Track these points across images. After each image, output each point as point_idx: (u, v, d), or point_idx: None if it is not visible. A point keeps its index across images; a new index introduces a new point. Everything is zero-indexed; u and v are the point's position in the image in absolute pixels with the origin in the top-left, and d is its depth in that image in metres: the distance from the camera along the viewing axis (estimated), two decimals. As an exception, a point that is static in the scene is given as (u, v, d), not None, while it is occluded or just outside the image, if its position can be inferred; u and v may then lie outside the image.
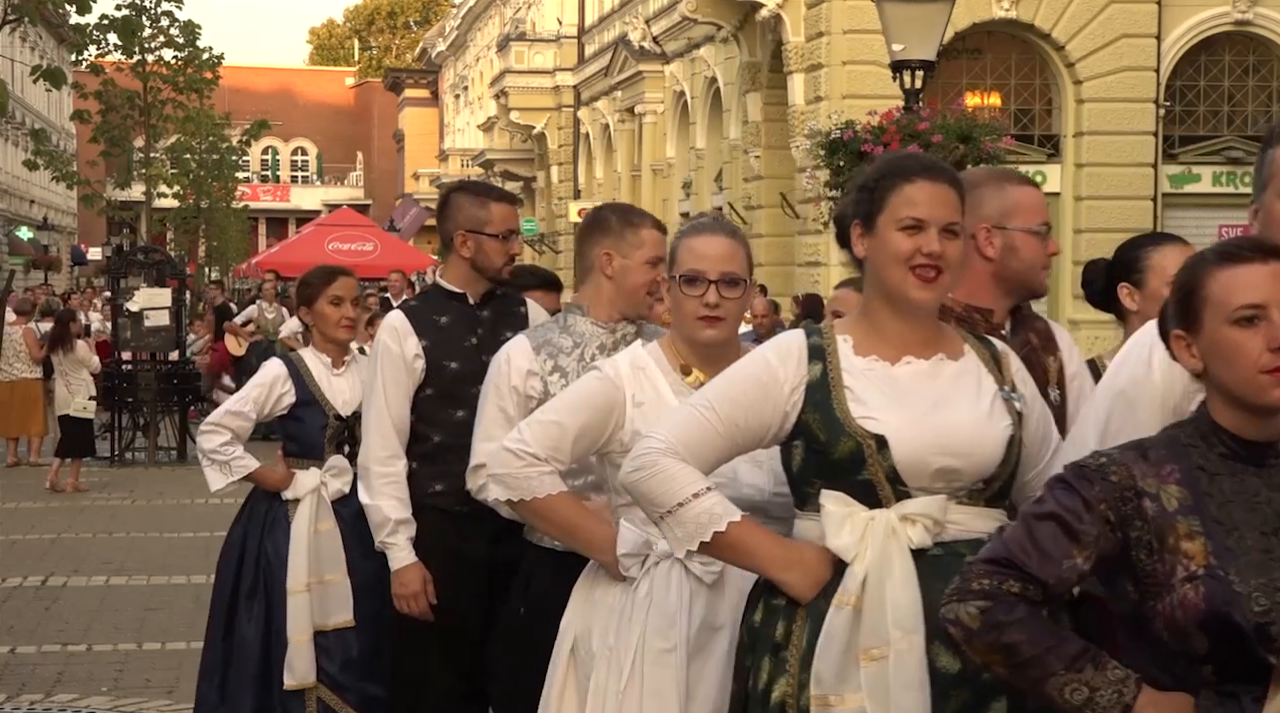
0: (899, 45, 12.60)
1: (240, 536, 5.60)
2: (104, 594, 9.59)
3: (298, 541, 5.36)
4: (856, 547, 2.85)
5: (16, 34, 42.97)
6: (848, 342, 3.01)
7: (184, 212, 33.94)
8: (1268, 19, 22.61)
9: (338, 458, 5.44)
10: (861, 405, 2.92)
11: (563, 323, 4.11)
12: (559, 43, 39.52)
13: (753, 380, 2.99)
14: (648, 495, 2.94)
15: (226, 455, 5.42)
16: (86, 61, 23.47)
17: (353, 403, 5.40)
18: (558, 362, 4.00)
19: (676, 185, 30.76)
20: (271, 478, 5.49)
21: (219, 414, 5.51)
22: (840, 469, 2.91)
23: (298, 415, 5.48)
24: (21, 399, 16.03)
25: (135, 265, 17.70)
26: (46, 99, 51.20)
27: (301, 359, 5.55)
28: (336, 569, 5.37)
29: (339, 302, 5.47)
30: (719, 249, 3.48)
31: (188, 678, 7.41)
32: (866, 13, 16.95)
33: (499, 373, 4.01)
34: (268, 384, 5.48)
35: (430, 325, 4.58)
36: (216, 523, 12.24)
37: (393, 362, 4.54)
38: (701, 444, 2.96)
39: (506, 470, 3.39)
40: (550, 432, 3.38)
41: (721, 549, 2.95)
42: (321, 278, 5.54)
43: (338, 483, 5.41)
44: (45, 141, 15.22)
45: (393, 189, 67.92)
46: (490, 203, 4.64)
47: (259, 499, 5.57)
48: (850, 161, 13.86)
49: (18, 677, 7.54)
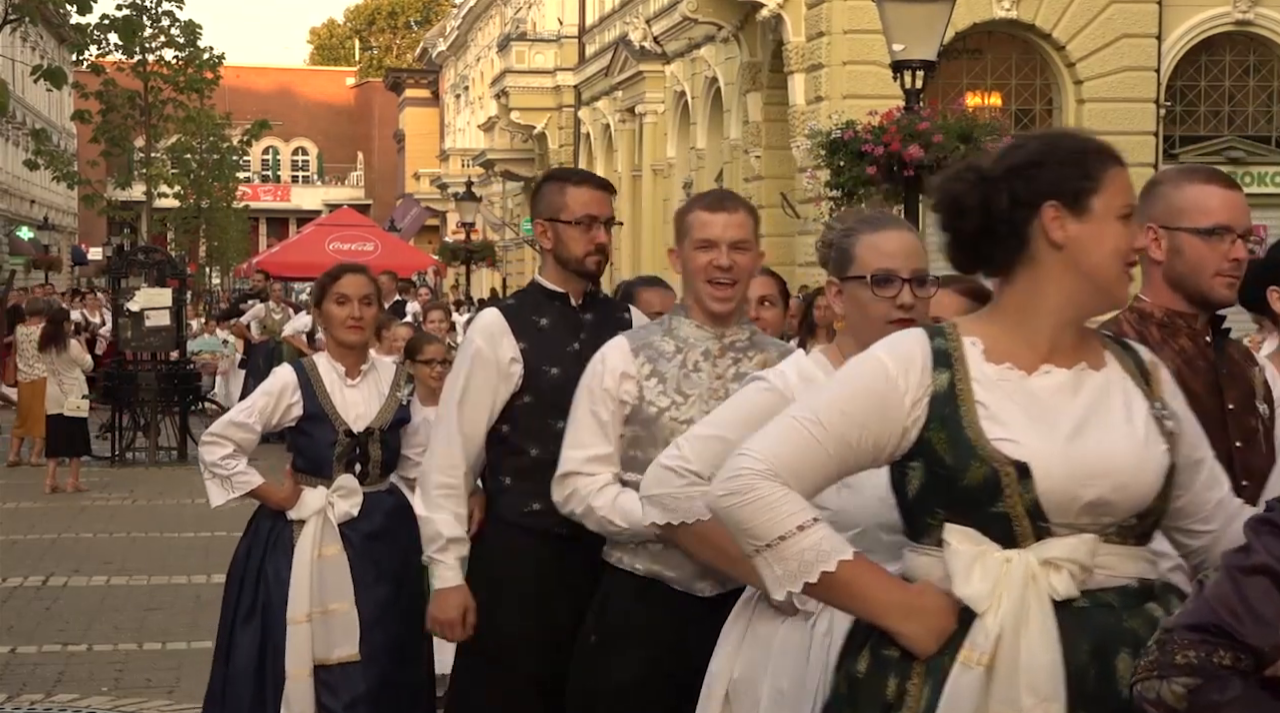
0: (899, 45, 12.58)
1: (244, 552, 5.21)
2: (104, 594, 9.59)
3: (300, 566, 4.97)
4: (989, 596, 2.44)
5: (17, 34, 42.94)
6: (977, 346, 2.58)
7: (184, 212, 33.98)
8: (1268, 19, 22.61)
9: (347, 478, 5.05)
10: (998, 425, 2.49)
11: (666, 326, 3.76)
12: (559, 43, 39.52)
13: (867, 390, 2.55)
14: (742, 525, 2.50)
15: (228, 470, 5.04)
16: (87, 61, 23.50)
17: (366, 418, 5.05)
18: (657, 366, 3.67)
19: (677, 185, 30.75)
20: (276, 496, 5.10)
21: (222, 425, 5.11)
22: (969, 499, 2.49)
23: (305, 430, 5.09)
24: (41, 399, 16.01)
25: (136, 265, 17.69)
26: (47, 99, 51.19)
27: (314, 367, 5.12)
28: (342, 598, 4.98)
29: (344, 301, 5.05)
30: (907, 245, 3.18)
31: (188, 678, 7.41)
32: (867, 13, 16.94)
33: (593, 374, 3.71)
34: (275, 393, 5.07)
35: (529, 326, 4.12)
36: (217, 524, 12.23)
37: (483, 364, 4.08)
38: (805, 465, 2.53)
39: (665, 490, 3.08)
40: (712, 448, 3.05)
41: (828, 591, 2.51)
42: (329, 276, 5.16)
43: (346, 505, 5.03)
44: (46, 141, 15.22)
45: (393, 189, 67.93)
46: (568, 187, 4.14)
47: (263, 516, 5.19)
48: (850, 162, 13.85)
49: (18, 677, 7.53)
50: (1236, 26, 22.71)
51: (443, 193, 53.05)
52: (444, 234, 50.56)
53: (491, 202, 48.15)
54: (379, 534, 5.07)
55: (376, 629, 4.95)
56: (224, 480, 5.05)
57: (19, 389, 16.03)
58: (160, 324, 16.71)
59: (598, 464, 3.68)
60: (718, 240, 3.66)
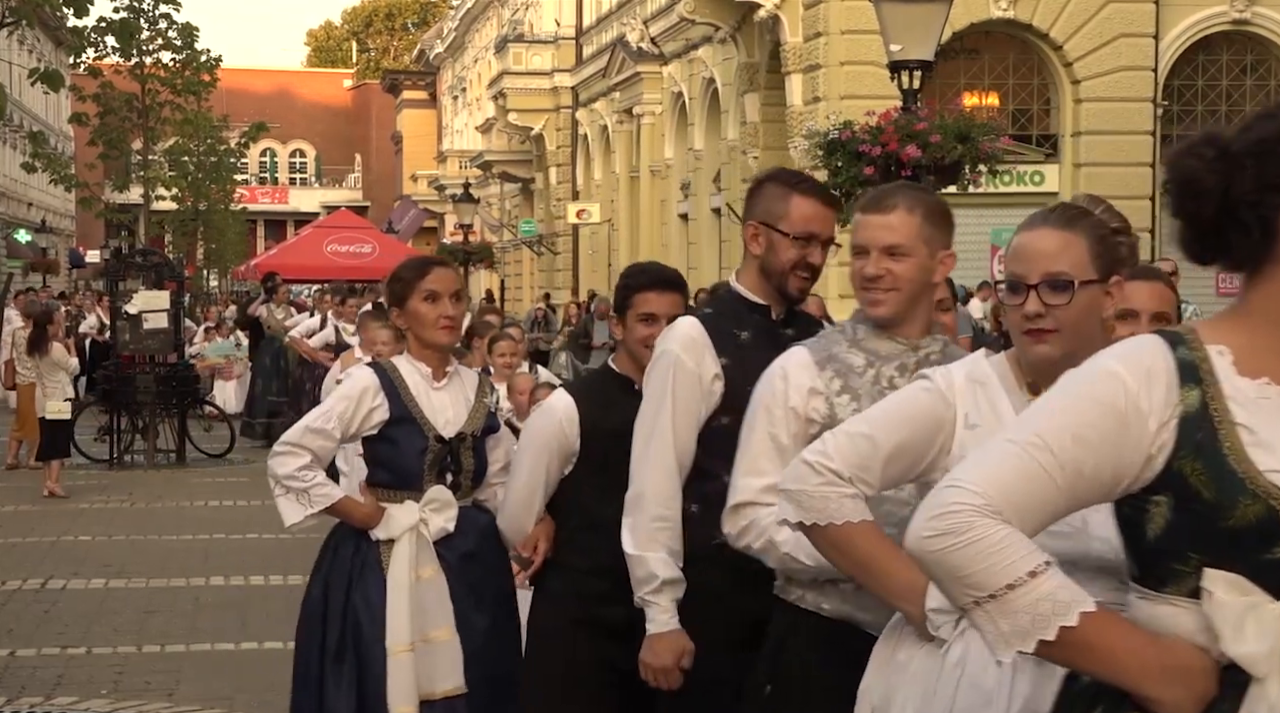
0: (897, 45, 12.59)
1: (321, 589, 4.59)
2: (103, 597, 9.58)
3: (396, 590, 4.42)
4: (1270, 657, 2.08)
5: (14, 37, 42.93)
6: (1225, 356, 2.18)
7: (182, 214, 33.99)
8: (1265, 18, 22.63)
9: (440, 489, 4.51)
10: (1269, 453, 2.10)
11: (850, 336, 3.37)
12: (557, 44, 39.54)
13: (1104, 409, 2.16)
14: (958, 572, 2.13)
15: (305, 482, 4.47)
16: (84, 64, 23.49)
17: (455, 423, 4.54)
18: (848, 382, 3.30)
19: (674, 186, 30.77)
20: (359, 513, 4.54)
21: (297, 433, 4.52)
22: (1237, 542, 2.10)
23: (391, 436, 4.52)
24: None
25: (133, 268, 17.68)
26: (44, 102, 51.18)
27: (395, 368, 4.58)
28: (443, 624, 4.45)
29: (434, 298, 4.51)
30: (1040, 246, 2.80)
31: (187, 681, 7.42)
32: (864, 13, 16.95)
33: (772, 391, 3.31)
34: (355, 396, 4.50)
35: (730, 340, 3.73)
36: (216, 526, 12.27)
37: (687, 380, 3.71)
38: (1030, 499, 2.15)
39: (801, 487, 2.76)
40: (859, 447, 2.76)
41: (1068, 650, 2.13)
42: (414, 271, 4.59)
43: (440, 520, 4.49)
44: (43, 144, 15.21)
45: (391, 191, 67.93)
46: (794, 195, 3.72)
47: (343, 540, 4.61)
48: (848, 162, 13.85)
49: (17, 680, 7.53)
50: (1234, 26, 22.73)
51: (440, 194, 53.07)
52: (442, 236, 50.58)
53: (489, 203, 48.15)
54: (475, 555, 4.57)
55: (474, 662, 4.46)
56: (300, 495, 4.48)
57: (18, 392, 16.03)
58: (158, 327, 16.70)
59: (777, 494, 3.24)
60: (867, 246, 3.31)
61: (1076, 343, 2.75)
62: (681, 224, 30.27)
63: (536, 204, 43.31)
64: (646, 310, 4.15)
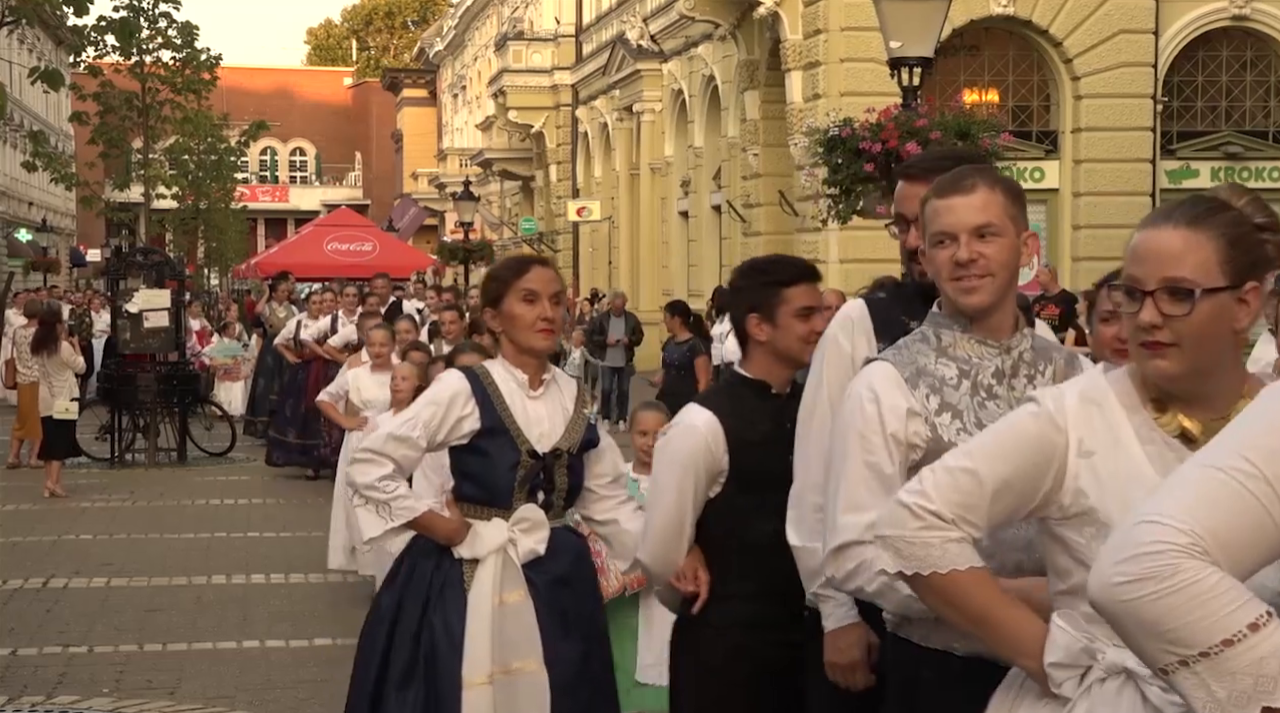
0: (896, 42, 12.59)
1: (393, 602, 4.21)
2: (105, 596, 9.59)
3: (478, 615, 4.05)
4: None
5: (14, 36, 42.94)
6: None
7: (183, 213, 33.94)
8: (1265, 14, 22.61)
9: (531, 508, 4.15)
10: None
11: (934, 343, 3.05)
12: (557, 42, 39.54)
13: None
14: (1160, 624, 1.85)
15: (387, 493, 4.11)
16: (84, 63, 23.46)
17: (552, 437, 4.17)
18: (944, 397, 2.99)
19: (675, 184, 30.76)
20: (444, 529, 4.16)
21: (379, 440, 4.17)
22: None
23: (481, 448, 4.15)
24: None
25: (134, 267, 17.67)
26: (45, 101, 51.18)
27: (488, 374, 4.19)
28: (529, 655, 4.05)
29: (533, 298, 4.15)
30: (1159, 246, 2.43)
31: (189, 679, 7.43)
32: (864, 10, 16.95)
33: (862, 415, 3.00)
34: (444, 403, 4.14)
35: (896, 328, 3.39)
36: (217, 524, 12.28)
37: (840, 361, 3.47)
38: (1240, 536, 1.86)
39: (899, 532, 2.45)
40: (961, 484, 2.43)
41: None
42: (511, 269, 4.25)
43: (530, 541, 4.12)
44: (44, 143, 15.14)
45: (391, 189, 67.93)
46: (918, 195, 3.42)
47: (422, 555, 4.23)
48: (848, 159, 13.85)
49: (19, 679, 7.54)
50: (1233, 21, 22.72)
51: (441, 192, 53.08)
52: (442, 234, 50.55)
53: (489, 201, 48.15)
54: (567, 580, 4.20)
55: (566, 698, 4.06)
56: (380, 506, 4.12)
57: (19, 391, 16.03)
58: (159, 325, 16.71)
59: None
60: (953, 230, 3.00)
61: (1202, 358, 2.39)
62: (682, 222, 30.27)
63: (537, 202, 43.30)
64: (804, 304, 3.83)
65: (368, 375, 9.53)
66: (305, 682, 7.43)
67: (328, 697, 7.11)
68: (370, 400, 9.25)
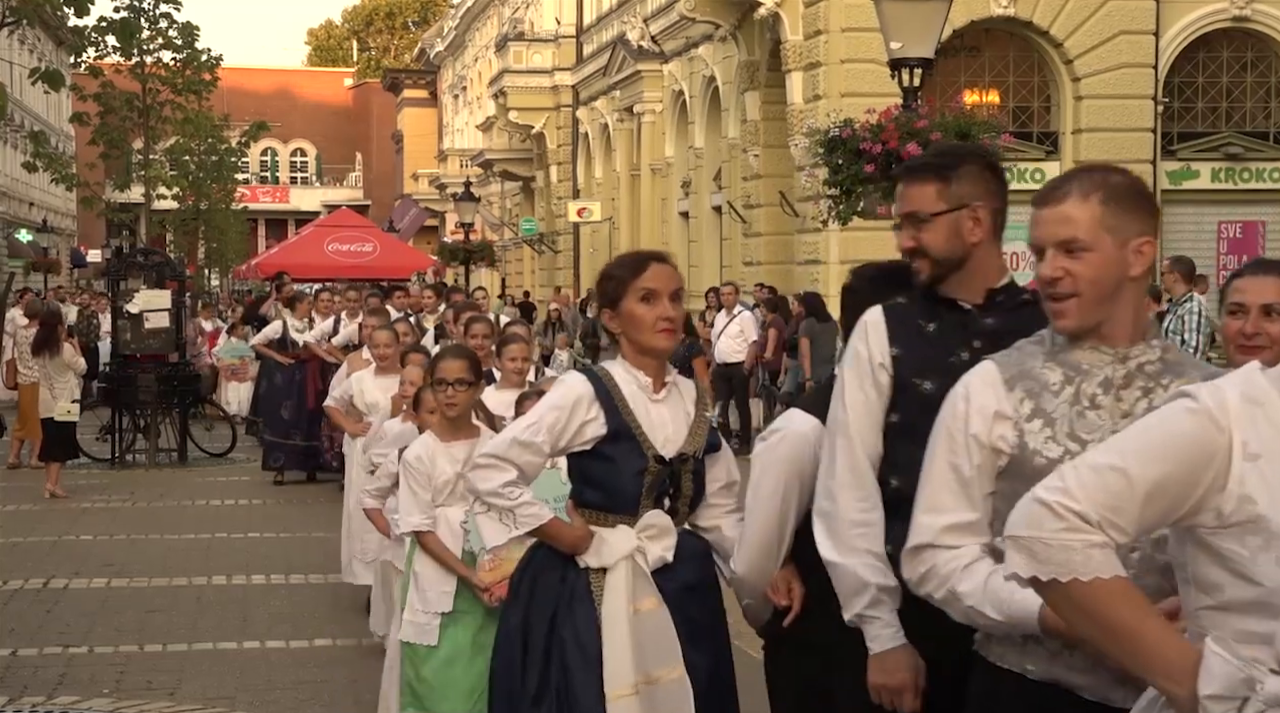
0: (897, 43, 12.59)
1: (520, 619, 4.06)
2: (105, 596, 9.59)
3: (614, 625, 3.88)
4: None
5: (15, 36, 42.95)
6: None
7: (183, 213, 33.97)
8: (1266, 15, 22.63)
9: (657, 514, 3.98)
10: None
11: (1048, 346, 2.91)
12: (557, 42, 39.55)
13: None
14: None
15: (511, 499, 3.97)
16: (85, 63, 23.48)
17: (676, 441, 4.01)
18: (1040, 403, 2.85)
19: (675, 185, 30.76)
20: (569, 536, 3.99)
21: (502, 445, 4.01)
22: None
23: (606, 454, 3.98)
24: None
25: (135, 267, 17.68)
26: (45, 101, 51.19)
27: (609, 376, 4.02)
28: (670, 662, 3.88)
29: (653, 297, 3.98)
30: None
31: (189, 680, 7.42)
32: (864, 11, 16.96)
33: (953, 415, 2.90)
34: (567, 407, 3.97)
35: (911, 330, 3.40)
36: (217, 525, 12.27)
37: (861, 369, 3.40)
38: None
39: (1036, 533, 2.24)
40: (1109, 483, 2.24)
41: None
42: (628, 268, 4.05)
43: (659, 548, 3.97)
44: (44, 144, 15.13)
45: (392, 190, 67.95)
46: (899, 179, 3.54)
47: (546, 566, 4.06)
48: (849, 160, 13.85)
49: (19, 679, 7.54)
50: (1234, 22, 22.73)
51: (441, 193, 53.08)
52: (442, 234, 50.57)
53: (490, 202, 48.15)
54: (694, 587, 4.07)
55: (701, 707, 3.92)
56: (504, 514, 4.03)
57: (20, 392, 16.04)
58: (159, 326, 16.72)
59: (960, 534, 2.87)
60: (1041, 244, 2.86)
61: None
62: (682, 222, 30.27)
63: (537, 203, 43.31)
64: None
65: (371, 378, 9.15)
66: (305, 683, 7.42)
67: (328, 697, 7.12)
68: (374, 404, 8.91)
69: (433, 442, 5.56)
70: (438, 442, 5.55)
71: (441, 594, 5.34)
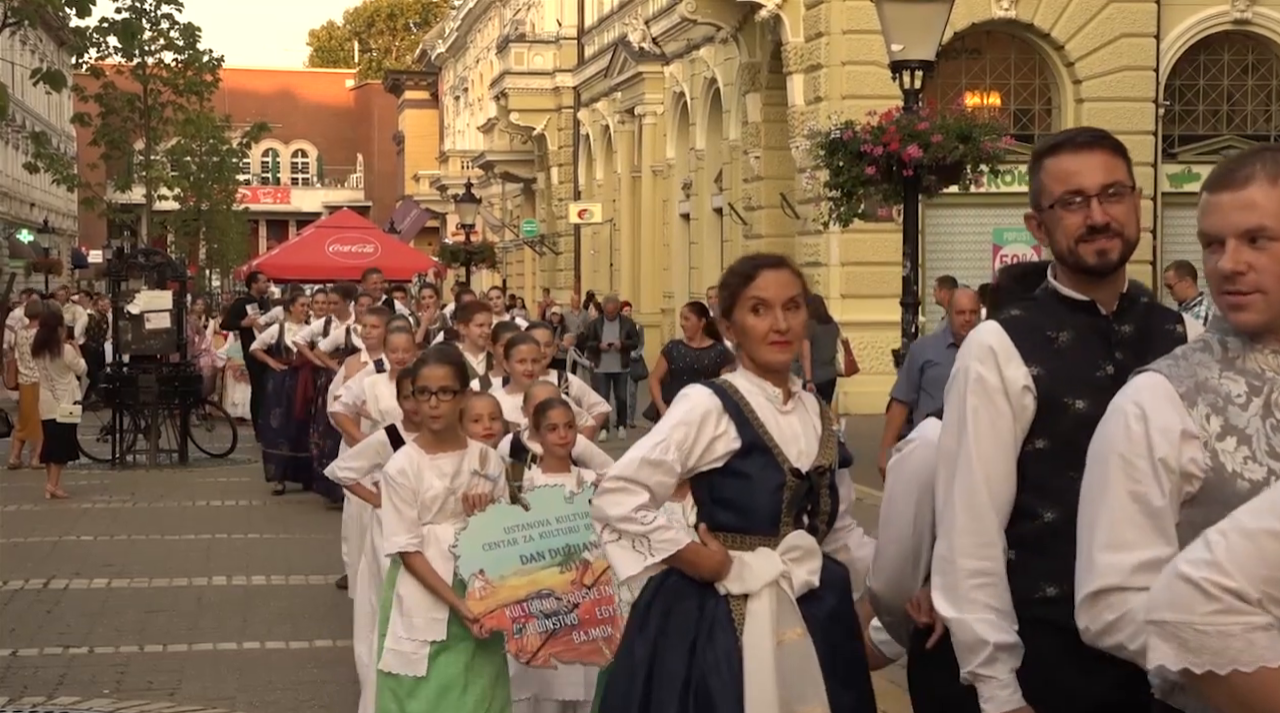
0: (898, 45, 12.61)
1: (647, 652, 3.70)
2: (105, 597, 9.59)
3: (756, 657, 3.57)
4: None
5: (16, 37, 42.98)
6: None
7: (184, 214, 34.04)
8: (1266, 18, 22.64)
9: (801, 534, 3.65)
10: None
11: (1221, 352, 2.53)
12: (558, 44, 39.57)
13: None
14: None
15: (645, 524, 3.59)
16: (87, 64, 23.52)
17: (809, 454, 3.68)
18: (1228, 418, 2.46)
19: (676, 186, 30.78)
20: (709, 562, 3.64)
21: (631, 466, 3.63)
22: None
23: (740, 470, 3.65)
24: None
25: (136, 268, 17.69)
26: (47, 102, 51.23)
27: (735, 388, 3.70)
28: (813, 700, 3.56)
29: (764, 307, 3.67)
30: None
31: (190, 680, 7.43)
32: (866, 13, 16.96)
33: (1127, 436, 2.49)
34: (695, 422, 3.63)
35: (1044, 345, 3.02)
36: (218, 525, 12.28)
37: (989, 398, 3.00)
38: None
39: (1185, 617, 1.95)
40: (1267, 552, 1.93)
41: None
42: (738, 275, 3.75)
43: (804, 572, 3.65)
44: (46, 144, 15.22)
45: (393, 191, 67.98)
46: (1043, 161, 3.10)
47: (679, 594, 3.70)
48: (850, 162, 13.87)
49: (20, 679, 7.54)
50: (1235, 26, 22.74)
51: (442, 194, 53.11)
52: (444, 236, 50.59)
53: (491, 203, 48.19)
54: (840, 616, 3.74)
55: None
56: (638, 540, 3.60)
57: (21, 392, 16.04)
58: (160, 327, 16.72)
59: (1154, 573, 2.28)
60: (1220, 233, 2.50)
61: None
62: (683, 224, 30.28)
63: (538, 204, 43.33)
64: None
65: (386, 385, 7.98)
66: (305, 683, 7.43)
67: (328, 698, 7.12)
68: (388, 411, 7.73)
69: (417, 454, 5.14)
70: (423, 454, 5.13)
71: (432, 622, 5.01)
